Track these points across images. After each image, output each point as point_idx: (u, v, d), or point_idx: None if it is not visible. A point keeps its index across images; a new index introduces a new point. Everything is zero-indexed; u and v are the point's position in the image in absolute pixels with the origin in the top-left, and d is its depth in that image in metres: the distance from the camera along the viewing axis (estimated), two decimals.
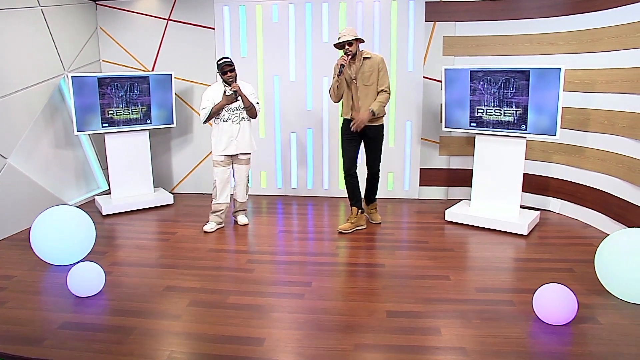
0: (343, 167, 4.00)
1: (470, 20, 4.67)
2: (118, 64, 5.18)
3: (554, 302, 2.51)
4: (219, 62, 3.85)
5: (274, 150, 5.22)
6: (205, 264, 3.42)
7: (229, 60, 3.86)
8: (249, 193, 4.38)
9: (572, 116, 4.28)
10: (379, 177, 4.11)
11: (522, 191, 4.67)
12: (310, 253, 3.64)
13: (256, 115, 4.06)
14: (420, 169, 5.07)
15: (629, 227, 3.64)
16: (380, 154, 3.99)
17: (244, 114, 3.99)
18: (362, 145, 3.99)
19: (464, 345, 2.34)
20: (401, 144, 5.03)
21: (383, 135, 3.97)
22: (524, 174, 4.63)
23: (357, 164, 4.00)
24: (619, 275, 2.74)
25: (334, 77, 3.78)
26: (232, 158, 4.10)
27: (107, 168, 4.71)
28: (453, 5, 4.68)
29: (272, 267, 3.37)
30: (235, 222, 4.31)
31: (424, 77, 4.84)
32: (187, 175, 5.41)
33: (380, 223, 4.23)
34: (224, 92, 3.87)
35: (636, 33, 3.56)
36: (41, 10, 4.28)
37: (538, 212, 4.28)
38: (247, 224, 4.27)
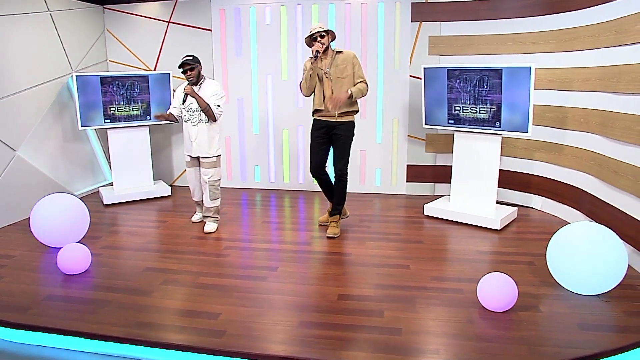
0: (310, 170, 3.92)
1: (455, 20, 4.78)
2: (123, 64, 5.54)
3: (494, 290, 2.65)
4: (181, 60, 3.83)
5: (267, 146, 5.47)
6: (186, 249, 3.69)
7: (188, 59, 3.80)
8: (218, 201, 4.10)
9: (553, 114, 4.34)
10: (346, 180, 3.86)
11: (507, 188, 4.80)
12: (286, 242, 3.86)
13: (215, 119, 3.90)
14: (407, 165, 5.21)
15: (601, 224, 3.70)
16: (348, 152, 3.81)
17: (203, 116, 3.90)
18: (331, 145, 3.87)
19: (401, 326, 2.51)
20: (388, 141, 5.18)
21: (353, 132, 3.83)
22: (508, 171, 4.76)
23: (326, 166, 3.94)
24: (565, 267, 2.84)
25: (304, 73, 3.73)
26: (199, 161, 4.07)
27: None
28: (438, 6, 4.80)
29: (246, 253, 3.61)
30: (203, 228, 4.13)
31: (411, 75, 4.98)
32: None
33: (335, 237, 3.86)
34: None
35: (606, 32, 3.61)
36: (50, 14, 4.67)
37: (515, 208, 4.37)
38: (213, 232, 4.04)
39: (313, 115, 3.89)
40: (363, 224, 4.26)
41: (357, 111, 3.84)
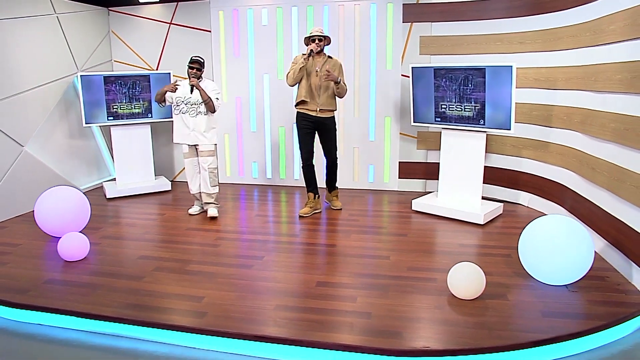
0: (302, 158, 4.42)
1: (445, 20, 4.90)
2: (127, 64, 5.78)
3: (462, 278, 2.78)
4: (191, 57, 4.27)
5: (263, 143, 5.66)
6: (180, 239, 3.89)
7: (201, 60, 4.29)
8: (217, 188, 4.43)
9: (539, 112, 4.44)
10: (337, 164, 4.51)
11: (496, 185, 4.91)
12: (276, 233, 4.04)
13: (214, 110, 4.30)
14: (399, 162, 5.34)
15: (580, 219, 3.80)
16: (336, 141, 4.42)
17: (202, 109, 4.27)
18: (317, 137, 4.43)
19: (371, 310, 2.66)
20: (381, 139, 5.32)
21: (335, 125, 4.41)
22: (498, 168, 4.87)
23: (314, 154, 4.45)
24: (534, 259, 2.96)
25: (292, 65, 4.21)
26: (196, 151, 4.40)
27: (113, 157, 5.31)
28: (429, 7, 4.93)
29: (236, 243, 3.80)
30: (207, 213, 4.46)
31: (402, 75, 5.11)
32: None
33: (340, 209, 4.64)
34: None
35: (586, 32, 3.70)
36: (57, 17, 4.92)
37: (500, 204, 4.48)
38: (216, 217, 4.38)
39: (297, 107, 4.30)
40: (352, 218, 4.41)
41: (335, 108, 4.39)
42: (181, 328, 2.53)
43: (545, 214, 4.40)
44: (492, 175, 4.91)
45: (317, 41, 4.11)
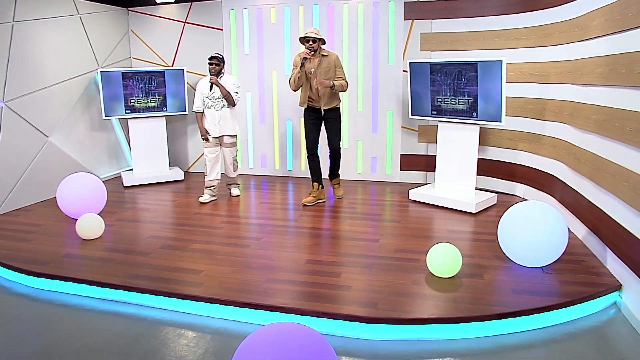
0: (306, 148, 4.62)
1: (445, 17, 5.06)
2: (145, 61, 6.15)
3: (439, 257, 2.98)
4: (214, 54, 4.67)
5: (272, 136, 5.93)
6: (188, 222, 4.20)
7: (219, 56, 4.65)
8: (237, 171, 5.10)
9: (533, 106, 4.56)
10: (340, 154, 4.69)
11: (494, 177, 5.05)
12: (276, 219, 4.30)
13: (234, 104, 4.75)
14: (401, 154, 5.53)
15: (567, 208, 3.93)
16: (340, 132, 4.60)
17: (225, 102, 4.71)
18: (323, 127, 4.63)
19: (352, 285, 2.89)
20: (383, 132, 5.52)
21: (340, 116, 4.61)
22: (496, 161, 5.01)
23: (319, 145, 4.66)
24: (510, 241, 3.13)
25: (293, 69, 4.41)
26: (220, 140, 4.85)
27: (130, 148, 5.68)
28: (429, 5, 5.09)
29: (238, 226, 4.08)
30: (230, 193, 5.10)
31: (404, 70, 5.30)
32: (200, 156, 6.27)
33: (341, 198, 4.86)
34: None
35: (575, 28, 3.82)
36: (80, 17, 5.31)
37: (494, 194, 4.62)
38: (239, 195, 5.09)
39: (302, 105, 4.55)
40: (350, 206, 4.63)
41: (339, 102, 4.49)
42: (180, 295, 2.82)
43: None
44: (490, 168, 5.05)
45: (310, 42, 4.21)
